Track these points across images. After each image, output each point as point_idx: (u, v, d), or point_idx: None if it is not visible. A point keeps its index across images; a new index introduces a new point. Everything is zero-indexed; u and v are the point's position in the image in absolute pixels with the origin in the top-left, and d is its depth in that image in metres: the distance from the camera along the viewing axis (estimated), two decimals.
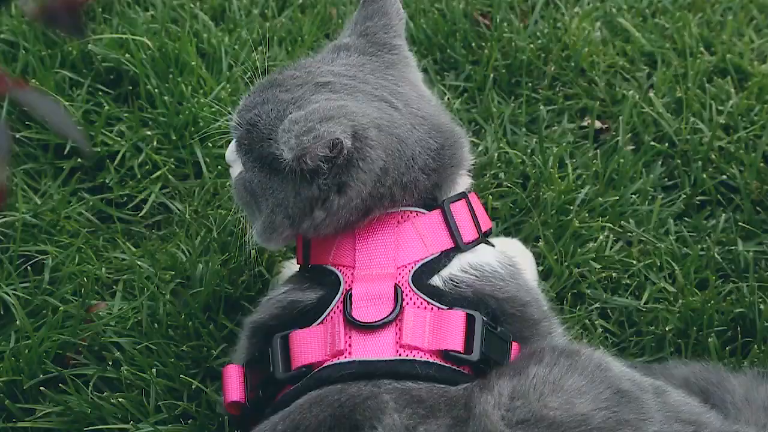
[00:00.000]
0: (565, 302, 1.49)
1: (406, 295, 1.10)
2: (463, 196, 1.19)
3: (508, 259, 1.20)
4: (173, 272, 1.50)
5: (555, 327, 1.20)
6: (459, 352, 1.07)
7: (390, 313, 1.08)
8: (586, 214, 1.60)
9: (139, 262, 1.50)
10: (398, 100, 1.18)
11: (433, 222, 1.15)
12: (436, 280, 1.12)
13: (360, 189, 1.11)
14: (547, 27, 1.91)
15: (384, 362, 1.06)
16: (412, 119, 1.17)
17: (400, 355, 1.06)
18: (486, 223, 1.20)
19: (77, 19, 0.39)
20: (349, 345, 1.07)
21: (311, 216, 1.14)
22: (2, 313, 1.44)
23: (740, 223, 1.60)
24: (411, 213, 1.15)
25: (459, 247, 1.14)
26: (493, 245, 1.21)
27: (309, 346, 1.09)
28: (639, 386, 1.09)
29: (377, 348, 1.07)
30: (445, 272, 1.13)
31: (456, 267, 1.13)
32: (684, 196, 1.64)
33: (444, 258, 1.14)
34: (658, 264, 1.54)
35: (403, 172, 1.14)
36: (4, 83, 0.44)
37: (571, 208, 1.60)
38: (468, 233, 1.16)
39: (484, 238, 1.19)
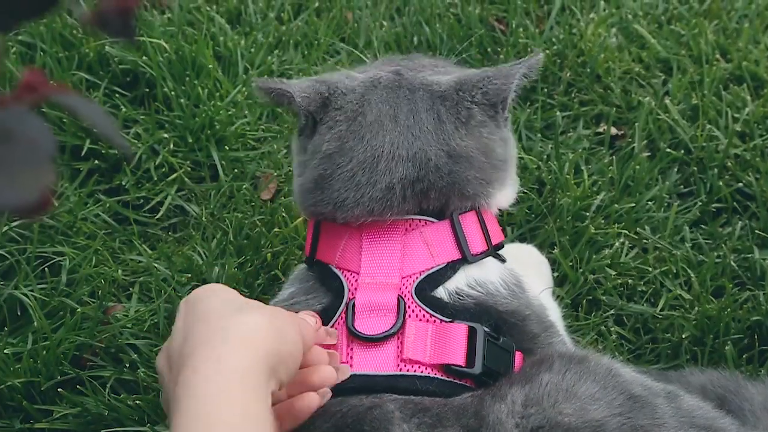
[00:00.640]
0: (580, 309, 1.49)
1: (409, 307, 1.09)
2: (473, 207, 1.18)
3: (513, 278, 1.17)
4: (189, 275, 1.50)
5: (556, 337, 1.19)
6: (460, 366, 1.07)
7: (392, 327, 1.07)
8: (602, 221, 1.60)
9: (155, 265, 1.51)
10: (407, 119, 1.16)
11: (441, 232, 1.14)
12: (440, 292, 1.11)
13: (312, 159, 1.16)
14: (563, 33, 1.92)
15: (384, 377, 1.05)
16: (398, 139, 1.14)
17: (400, 369, 1.06)
18: (497, 236, 1.18)
19: (129, 23, 0.40)
20: (351, 357, 1.06)
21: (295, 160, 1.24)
22: (19, 314, 1.44)
23: (756, 231, 1.59)
24: (420, 222, 1.14)
25: (466, 258, 1.14)
26: (504, 259, 1.20)
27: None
28: (651, 391, 1.08)
29: (378, 362, 1.07)
30: (450, 285, 1.11)
31: (462, 281, 1.12)
32: (700, 203, 1.64)
33: (449, 270, 1.12)
34: (674, 271, 1.54)
35: (362, 182, 1.13)
36: (47, 88, 0.44)
37: (587, 214, 1.60)
38: (476, 245, 1.14)
39: (494, 251, 1.18)
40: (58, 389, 1.35)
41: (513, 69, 1.19)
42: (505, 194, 1.22)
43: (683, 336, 1.44)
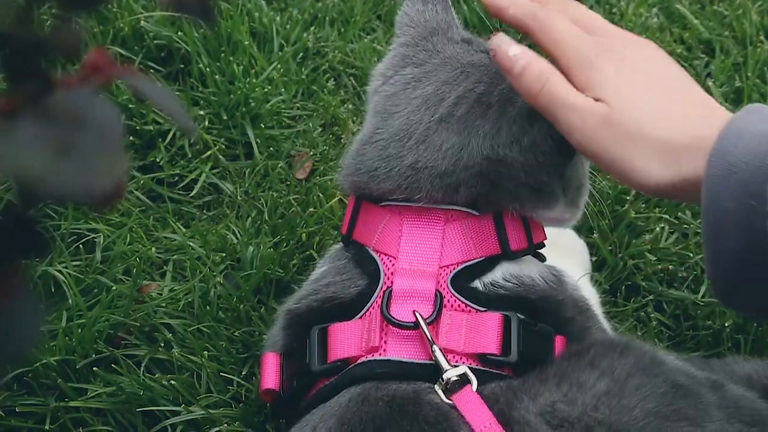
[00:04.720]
0: (618, 294, 1.47)
1: (444, 297, 1.07)
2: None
3: (552, 275, 1.15)
4: (224, 254, 1.49)
5: (593, 323, 1.16)
6: (495, 354, 1.05)
7: (429, 316, 1.05)
8: (642, 205, 1.57)
9: (189, 243, 1.49)
10: (455, 109, 1.12)
11: (484, 226, 1.11)
12: (476, 284, 1.09)
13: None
14: (603, 13, 1.88)
15: (418, 365, 1.04)
16: (438, 126, 1.10)
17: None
18: (539, 236, 1.15)
19: (207, 4, 0.38)
20: (385, 342, 1.05)
21: None
22: (53, 290, 1.43)
23: None
24: (462, 213, 1.11)
25: (506, 254, 1.10)
26: (543, 258, 1.17)
27: (346, 339, 1.07)
28: (695, 380, 1.06)
29: (413, 350, 1.05)
30: (487, 278, 1.09)
31: (498, 275, 1.10)
32: None
33: (488, 264, 1.10)
34: None
35: (392, 155, 1.11)
36: (113, 68, 0.42)
37: (627, 198, 1.57)
38: (516, 241, 1.11)
39: (534, 249, 1.15)
40: (93, 368, 1.34)
41: None
42: (545, 216, 1.15)
43: (725, 323, 1.42)
